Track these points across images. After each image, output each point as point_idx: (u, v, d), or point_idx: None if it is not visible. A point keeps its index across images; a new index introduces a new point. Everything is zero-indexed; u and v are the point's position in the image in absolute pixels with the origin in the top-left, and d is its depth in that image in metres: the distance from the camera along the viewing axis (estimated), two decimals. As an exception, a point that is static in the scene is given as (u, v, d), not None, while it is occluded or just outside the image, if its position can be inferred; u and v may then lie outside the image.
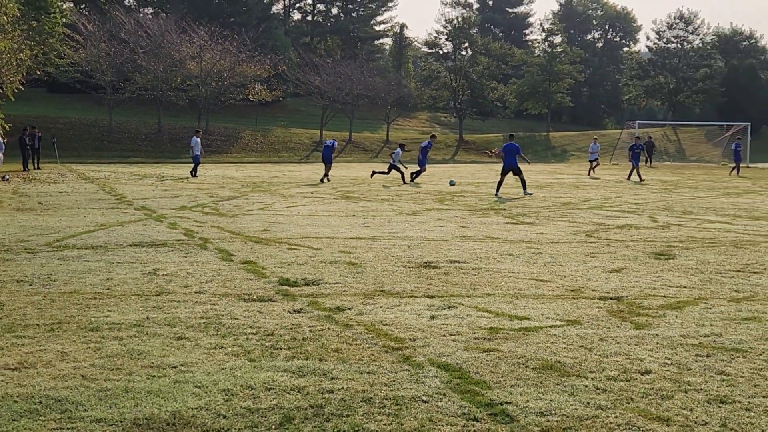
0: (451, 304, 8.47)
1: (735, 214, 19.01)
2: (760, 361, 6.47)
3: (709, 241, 13.96)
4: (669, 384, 5.85)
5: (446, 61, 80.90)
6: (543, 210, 19.67)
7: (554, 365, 6.27)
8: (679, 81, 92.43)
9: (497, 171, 32.74)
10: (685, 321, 7.83)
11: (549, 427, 4.96)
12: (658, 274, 10.49)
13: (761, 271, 10.83)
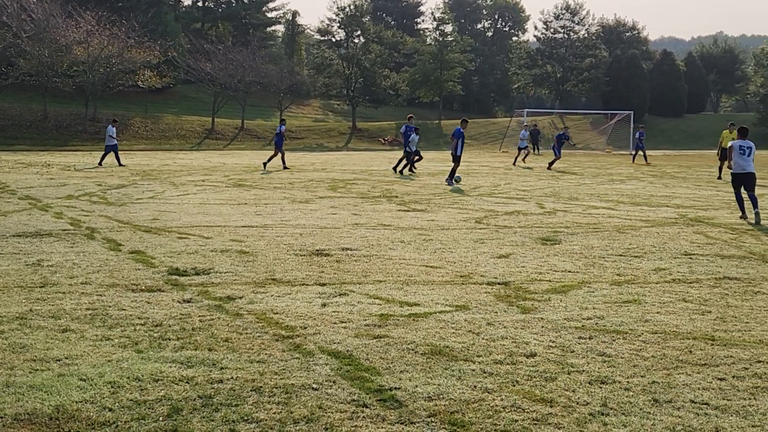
0: (343, 292, 8.51)
1: (618, 200, 19.59)
2: (639, 342, 6.70)
3: (593, 226, 14.37)
4: (553, 366, 6.02)
5: (339, 48, 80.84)
6: (434, 197, 19.89)
7: (443, 350, 6.37)
8: (565, 70, 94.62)
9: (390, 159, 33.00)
10: (569, 304, 8.05)
11: (437, 411, 5.04)
12: (544, 259, 10.74)
13: (641, 255, 11.21)
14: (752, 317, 7.63)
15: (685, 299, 8.38)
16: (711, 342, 6.72)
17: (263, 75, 67.48)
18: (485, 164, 38.48)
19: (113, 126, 33.48)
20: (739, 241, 12.73)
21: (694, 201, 19.72)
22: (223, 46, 68.72)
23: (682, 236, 13.15)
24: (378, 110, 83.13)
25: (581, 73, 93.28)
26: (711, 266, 10.36)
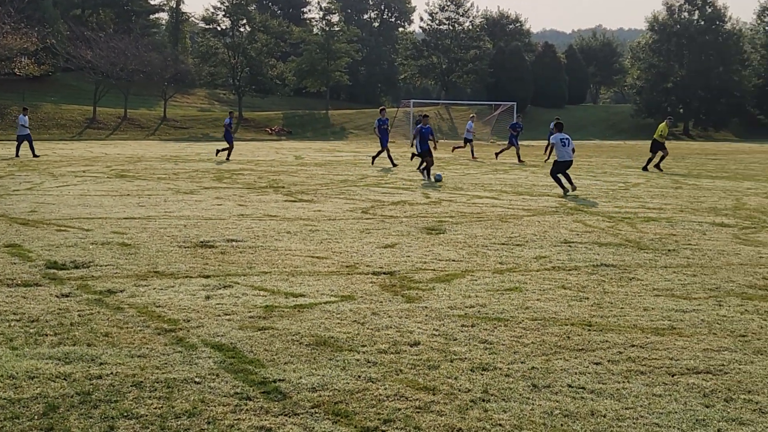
0: (227, 284, 8.43)
1: (501, 190, 19.97)
2: (519, 329, 6.85)
3: (477, 215, 14.61)
4: (436, 354, 6.10)
5: (224, 37, 79.79)
6: (321, 187, 19.88)
7: (328, 341, 6.38)
8: (451, 61, 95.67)
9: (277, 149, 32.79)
10: (453, 293, 8.17)
11: (321, 402, 5.05)
12: (429, 249, 10.86)
13: (523, 243, 11.46)
14: (627, 303, 7.89)
15: (564, 286, 8.60)
16: (588, 327, 6.92)
17: (146, 63, 66.10)
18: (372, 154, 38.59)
19: (24, 115, 32.24)
20: (615, 229, 13.14)
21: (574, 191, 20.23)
22: (104, 33, 67.05)
23: (561, 225, 13.49)
24: (265, 100, 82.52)
25: (466, 65, 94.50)
26: (589, 254, 10.67)
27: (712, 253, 10.86)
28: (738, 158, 39.62)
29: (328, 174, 24.75)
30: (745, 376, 5.70)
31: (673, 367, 5.90)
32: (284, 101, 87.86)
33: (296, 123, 74.79)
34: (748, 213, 15.76)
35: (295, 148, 43.95)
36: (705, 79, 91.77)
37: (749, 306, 7.83)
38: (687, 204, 17.28)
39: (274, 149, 42.33)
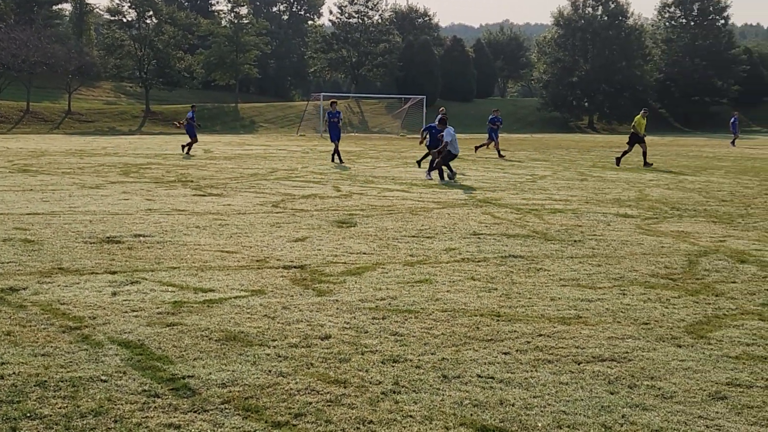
0: (135, 280, 8.28)
1: (411, 183, 20.08)
2: (430, 320, 6.91)
3: (388, 208, 14.66)
4: (347, 347, 6.10)
5: (130, 29, 78.20)
6: (231, 181, 19.68)
7: (238, 336, 6.32)
8: (360, 55, 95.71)
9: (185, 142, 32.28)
10: (364, 286, 8.18)
11: (231, 398, 5.00)
12: (340, 242, 10.86)
13: (433, 235, 11.54)
14: (534, 293, 8.02)
15: (473, 277, 8.70)
16: (497, 318, 7.02)
17: (49, 55, 64.38)
18: (282, 148, 38.39)
19: None
20: (523, 220, 13.34)
21: (482, 183, 20.49)
22: (4, 24, 65.06)
23: (471, 217, 13.64)
24: (173, 93, 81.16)
25: (376, 58, 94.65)
26: (497, 245, 10.81)
27: (616, 244, 11.12)
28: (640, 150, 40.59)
29: (238, 168, 24.52)
30: (648, 363, 5.85)
31: (579, 355, 6.02)
32: (193, 94, 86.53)
33: (205, 116, 73.76)
34: (651, 204, 16.18)
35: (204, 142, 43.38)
36: (609, 73, 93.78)
37: (652, 294, 8.04)
38: (592, 195, 17.65)
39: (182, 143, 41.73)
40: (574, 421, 4.75)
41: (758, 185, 21.08)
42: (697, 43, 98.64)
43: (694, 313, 7.31)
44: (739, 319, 7.16)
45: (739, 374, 5.64)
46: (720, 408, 5.01)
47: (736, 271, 9.35)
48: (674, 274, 9.11)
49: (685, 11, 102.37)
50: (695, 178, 23.17)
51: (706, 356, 6.04)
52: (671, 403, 5.07)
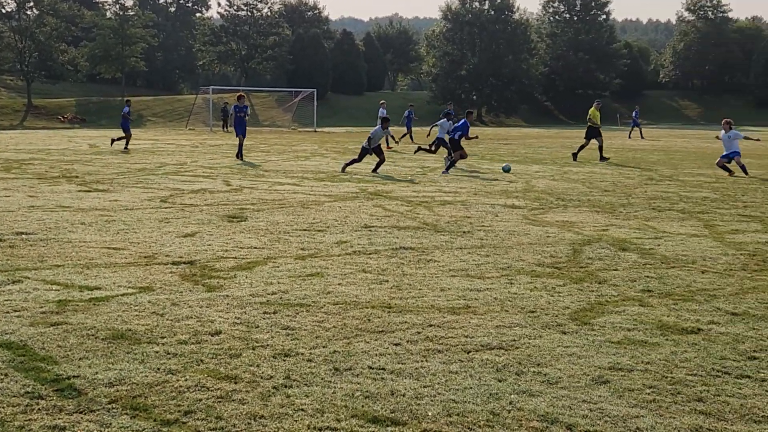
0: (16, 279, 8.03)
1: (303, 176, 20.04)
2: (321, 313, 6.91)
3: (279, 202, 14.59)
4: (238, 343, 6.05)
5: (10, 20, 75.62)
6: (117, 176, 19.26)
7: (125, 334, 6.20)
8: (250, 48, 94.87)
9: (70, 138, 31.50)
10: (255, 280, 8.13)
11: (118, 397, 4.90)
12: (230, 237, 10.76)
13: (325, 229, 11.55)
14: (425, 284, 8.11)
15: (364, 270, 8.74)
16: (388, 309, 7.07)
17: None
18: (171, 142, 37.74)
19: None
20: (414, 212, 13.47)
21: (373, 175, 20.57)
22: None
23: (362, 210, 13.70)
24: (56, 86, 78.81)
25: (266, 51, 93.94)
26: (388, 237, 10.89)
27: (504, 234, 11.34)
28: (527, 143, 41.47)
29: (125, 162, 24.01)
30: (535, 350, 5.99)
31: (468, 344, 6.12)
32: (77, 88, 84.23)
33: (90, 110, 71.97)
34: (537, 195, 16.55)
35: (90, 137, 42.36)
36: (496, 66, 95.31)
37: (538, 283, 8.23)
38: (480, 187, 17.94)
39: (66, 137, 40.61)
40: (463, 409, 4.83)
41: (639, 175, 21.78)
42: (580, 38, 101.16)
43: (578, 301, 7.52)
44: (621, 305, 7.39)
45: (620, 359, 5.82)
46: (602, 392, 5.16)
47: (618, 258, 9.65)
48: (559, 262, 9.35)
49: (568, 6, 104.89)
50: (579, 169, 23.78)
51: (590, 342, 6.22)
52: (556, 389, 5.20)
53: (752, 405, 4.96)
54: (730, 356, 5.91)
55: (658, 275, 8.71)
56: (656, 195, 16.81)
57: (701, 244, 10.74)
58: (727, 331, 6.54)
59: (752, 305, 7.43)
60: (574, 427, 4.59)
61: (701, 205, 15.08)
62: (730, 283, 8.41)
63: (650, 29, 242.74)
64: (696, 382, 5.35)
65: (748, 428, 4.62)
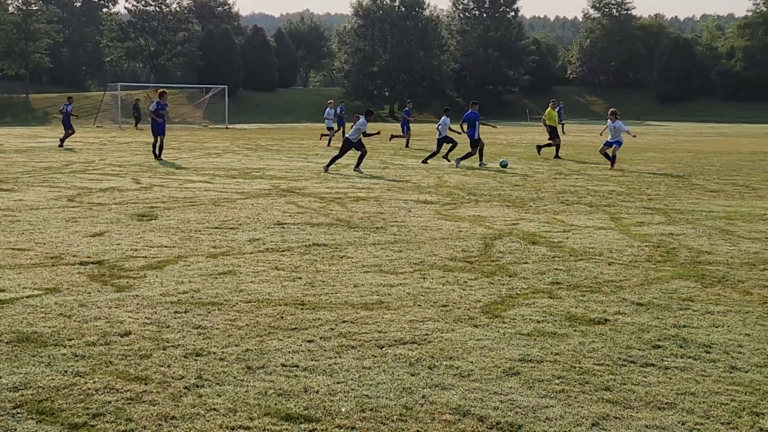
0: None
1: (215, 174, 19.82)
2: (234, 312, 6.85)
3: (190, 200, 14.41)
4: (148, 343, 5.96)
5: None
6: (22, 175, 18.76)
7: (31, 336, 6.04)
8: (159, 44, 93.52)
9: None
10: (165, 280, 8.02)
11: (23, 402, 4.78)
12: (140, 236, 10.58)
13: (237, 226, 11.45)
14: (338, 280, 8.11)
15: (277, 267, 8.70)
16: (301, 306, 7.05)
17: None
18: (79, 140, 36.87)
19: None
20: (327, 209, 13.46)
21: (286, 172, 20.50)
22: None
23: (275, 207, 13.62)
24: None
25: (175, 47, 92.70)
26: (302, 234, 10.86)
27: (417, 229, 11.41)
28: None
29: (30, 161, 23.39)
30: (447, 344, 6.05)
31: (381, 339, 6.14)
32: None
33: (-8, 108, 70.04)
34: (449, 190, 16.70)
35: (-8, 135, 41.16)
36: (407, 63, 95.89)
37: (450, 277, 8.31)
38: (393, 183, 18.03)
39: None
40: (376, 404, 4.85)
41: (548, 170, 22.16)
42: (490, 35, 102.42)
43: (490, 294, 7.61)
44: (531, 297, 7.51)
45: (530, 350, 5.92)
46: (513, 383, 5.24)
47: (528, 252, 9.80)
48: (471, 257, 9.45)
49: (477, 3, 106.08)
50: (490, 164, 24.06)
51: (501, 334, 6.30)
52: (469, 381, 5.26)
53: (657, 392, 5.10)
54: (635, 345, 6.06)
55: (567, 268, 8.88)
56: (565, 189, 17.14)
57: (608, 237, 10.99)
58: (632, 321, 6.71)
59: (656, 295, 7.64)
60: (485, 419, 4.65)
61: (608, 199, 15.43)
62: (636, 274, 8.62)
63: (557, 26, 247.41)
64: (603, 372, 5.47)
65: (653, 415, 4.74)
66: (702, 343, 6.11)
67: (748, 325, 6.62)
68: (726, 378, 5.38)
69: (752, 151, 33.36)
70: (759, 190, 17.45)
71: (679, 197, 15.85)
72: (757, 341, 6.19)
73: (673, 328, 6.53)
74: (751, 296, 7.64)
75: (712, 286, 8.07)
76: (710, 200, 15.41)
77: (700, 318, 6.84)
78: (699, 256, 9.60)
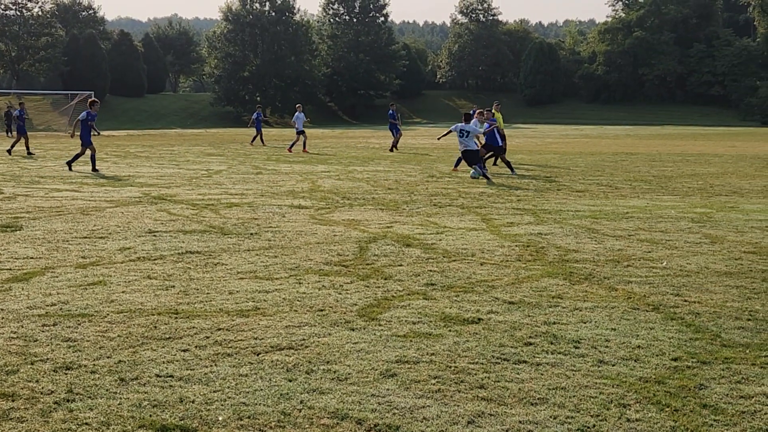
0: None
1: (82, 182, 19.28)
2: (105, 323, 6.68)
3: (57, 209, 13.98)
4: (15, 358, 5.75)
5: None
6: None
7: None
8: (21, 49, 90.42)
9: None
10: (32, 292, 7.75)
11: None
12: (4, 247, 10.20)
13: (107, 235, 11.17)
14: (213, 288, 8.02)
15: (150, 276, 8.53)
16: (175, 315, 6.93)
17: None
18: None
19: None
20: (200, 216, 13.27)
21: (157, 179, 20.12)
22: None
23: (146, 214, 13.35)
24: None
25: (38, 53, 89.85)
26: (174, 242, 10.67)
27: (292, 234, 11.38)
28: (312, 143, 41.72)
29: None
30: (324, 348, 6.06)
31: (258, 346, 6.10)
32: None
33: None
34: (323, 195, 16.72)
35: None
36: (279, 68, 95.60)
37: (326, 282, 8.33)
38: (267, 189, 17.93)
39: None
40: (254, 411, 4.81)
41: (420, 173, 22.46)
42: (361, 39, 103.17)
43: (366, 297, 7.66)
44: (406, 299, 7.60)
45: (407, 351, 5.99)
46: (390, 385, 5.29)
47: (403, 254, 9.91)
48: (347, 260, 9.49)
49: (348, 8, 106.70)
50: (363, 168, 24.23)
51: (377, 337, 6.35)
52: (346, 385, 5.28)
53: (529, 389, 5.23)
54: (508, 343, 6.21)
55: (441, 269, 9.02)
56: (437, 191, 17.40)
57: (479, 238, 11.21)
58: (505, 320, 6.87)
59: (527, 294, 7.84)
60: (363, 422, 4.68)
61: (479, 200, 15.75)
62: (507, 273, 8.83)
63: (426, 31, 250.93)
64: (478, 370, 5.58)
65: (526, 411, 4.87)
66: (571, 339, 6.31)
67: (614, 320, 6.87)
68: (594, 372, 5.57)
69: (614, 151, 34.64)
70: (621, 189, 18.13)
71: (547, 197, 16.32)
72: (622, 335, 6.43)
73: (543, 325, 6.72)
74: (616, 292, 7.93)
75: (580, 283, 8.34)
76: (576, 200, 15.92)
77: (569, 314, 7.06)
78: (567, 255, 9.91)
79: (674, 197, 16.46)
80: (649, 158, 29.80)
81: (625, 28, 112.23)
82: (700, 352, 6.01)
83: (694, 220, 13.01)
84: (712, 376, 5.47)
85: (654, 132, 66.11)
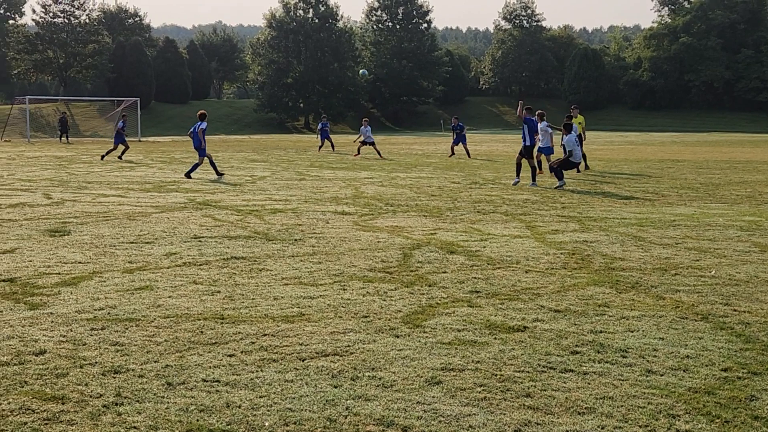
0: None
1: (128, 188, 19.51)
2: (152, 328, 6.74)
3: (104, 215, 14.15)
4: (64, 361, 5.82)
5: None
6: (-74, 192, 18.16)
7: (-60, 358, 5.85)
8: (68, 56, 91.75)
9: None
10: (80, 296, 7.85)
11: (-66, 426, 4.63)
12: (53, 252, 10.34)
13: (153, 241, 11.28)
14: (258, 293, 8.05)
15: (195, 281, 8.59)
16: (221, 321, 6.98)
17: None
18: None
19: None
20: (244, 221, 13.36)
21: (202, 185, 20.29)
22: None
23: (191, 220, 13.47)
24: None
25: (85, 59, 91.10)
26: (219, 247, 10.75)
27: (336, 241, 11.41)
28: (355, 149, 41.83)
29: (-66, 177, 22.66)
30: (369, 355, 6.06)
31: (303, 352, 6.12)
32: None
33: None
34: (366, 201, 16.75)
35: None
36: (322, 74, 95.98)
37: (370, 288, 8.33)
38: (311, 195, 17.99)
39: None
40: (300, 417, 4.82)
41: (464, 179, 22.40)
42: (404, 46, 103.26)
43: (410, 304, 7.65)
44: (451, 306, 7.57)
45: (452, 359, 5.96)
46: (436, 392, 5.28)
47: (446, 261, 9.88)
48: (390, 267, 9.49)
49: (391, 15, 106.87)
50: (407, 174, 24.23)
51: (422, 344, 6.34)
52: (391, 392, 5.28)
53: (576, 398, 5.19)
54: (554, 352, 6.16)
55: (485, 276, 8.98)
56: (481, 198, 17.35)
57: (524, 245, 11.15)
58: (550, 328, 6.82)
59: (573, 302, 7.78)
60: (409, 429, 4.67)
61: (523, 207, 15.67)
62: (552, 281, 8.77)
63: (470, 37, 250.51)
64: (524, 378, 5.55)
65: (573, 420, 4.82)
66: (618, 348, 6.24)
67: (662, 329, 6.79)
68: (642, 382, 5.50)
69: (660, 158, 34.30)
70: (668, 196, 17.94)
71: (592, 205, 16.19)
72: (670, 345, 6.35)
73: (590, 333, 6.66)
74: (663, 301, 7.84)
75: (626, 291, 8.26)
76: (622, 207, 15.78)
77: (615, 323, 6.99)
78: (613, 263, 9.82)
79: (722, 205, 16.24)
80: (696, 165, 29.45)
81: (671, 34, 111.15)
82: (750, 362, 5.91)
83: (743, 229, 12.82)
84: (763, 387, 5.38)
85: (700, 139, 65.35)
